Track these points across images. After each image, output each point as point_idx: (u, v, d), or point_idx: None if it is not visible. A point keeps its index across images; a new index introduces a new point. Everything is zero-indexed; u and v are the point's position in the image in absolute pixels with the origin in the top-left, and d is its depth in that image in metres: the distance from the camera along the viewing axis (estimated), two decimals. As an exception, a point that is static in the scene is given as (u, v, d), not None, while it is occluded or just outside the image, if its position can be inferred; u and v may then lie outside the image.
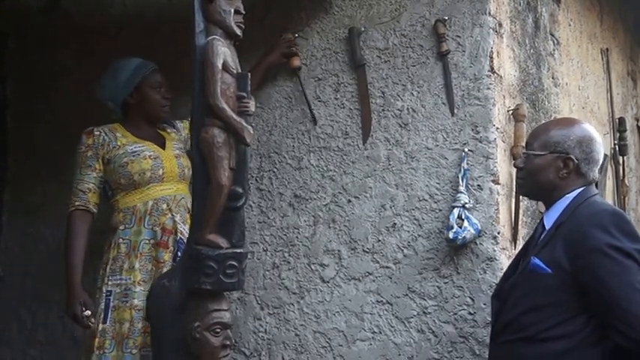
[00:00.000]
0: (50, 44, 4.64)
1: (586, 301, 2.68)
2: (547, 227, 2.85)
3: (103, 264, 3.47)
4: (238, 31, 2.70)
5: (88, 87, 4.45)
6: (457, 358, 3.54)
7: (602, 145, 2.93)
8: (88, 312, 3.36)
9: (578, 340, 2.68)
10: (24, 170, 4.68)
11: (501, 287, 3.00)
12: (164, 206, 3.46)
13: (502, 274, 3.34)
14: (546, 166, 2.89)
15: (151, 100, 3.51)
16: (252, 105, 2.68)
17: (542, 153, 2.91)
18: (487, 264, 3.50)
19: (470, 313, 3.52)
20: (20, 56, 4.79)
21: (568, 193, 2.84)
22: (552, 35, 4.34)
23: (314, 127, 3.87)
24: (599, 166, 2.91)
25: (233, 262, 2.62)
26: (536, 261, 2.78)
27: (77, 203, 3.50)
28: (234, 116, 2.60)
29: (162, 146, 3.57)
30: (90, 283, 3.53)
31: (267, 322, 3.89)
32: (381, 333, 3.68)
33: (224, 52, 2.62)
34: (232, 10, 2.69)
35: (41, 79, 4.66)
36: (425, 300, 3.61)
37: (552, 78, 4.29)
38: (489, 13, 3.61)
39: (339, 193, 3.80)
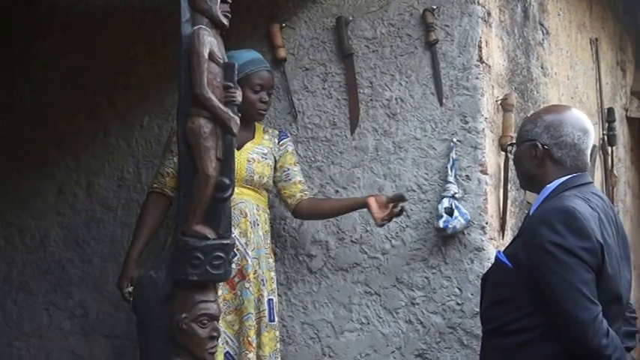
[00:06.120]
0: (35, 34, 4.61)
1: (541, 297, 2.68)
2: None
3: None
4: (225, 21, 2.69)
5: (73, 77, 4.46)
6: (445, 348, 3.56)
7: (585, 129, 2.84)
8: (132, 288, 3.46)
9: (539, 333, 2.67)
10: (8, 161, 4.66)
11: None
12: None
13: (490, 264, 3.36)
14: (522, 156, 2.89)
15: (245, 100, 3.27)
16: (238, 95, 2.67)
17: (518, 143, 2.94)
18: (475, 254, 3.53)
19: (458, 304, 3.54)
20: (4, 46, 4.77)
21: (550, 183, 2.81)
22: (541, 25, 4.35)
23: (302, 117, 3.87)
24: (581, 151, 2.82)
25: (220, 253, 2.62)
26: (500, 255, 2.81)
27: (154, 186, 3.64)
28: (221, 106, 2.60)
29: (241, 147, 3.51)
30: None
31: (254, 314, 3.90)
32: (369, 324, 3.69)
33: (210, 42, 2.62)
34: (218, -1, 2.69)
35: (26, 70, 4.64)
36: (413, 290, 3.63)
37: (541, 68, 4.31)
38: (478, 2, 3.62)
39: (327, 183, 3.81)
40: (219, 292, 3.24)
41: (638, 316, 3.12)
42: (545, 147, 2.81)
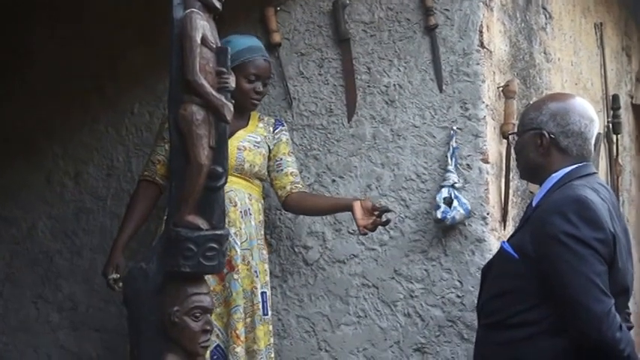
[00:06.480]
0: (22, 20, 4.59)
1: (548, 289, 2.67)
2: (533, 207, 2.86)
3: None
4: (218, 4, 2.68)
5: (61, 63, 4.45)
6: (445, 342, 3.56)
7: (591, 118, 2.85)
8: (116, 275, 3.51)
9: (543, 328, 2.66)
10: (-6, 149, 4.66)
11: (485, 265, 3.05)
12: None
13: (491, 255, 3.36)
14: (525, 145, 2.89)
15: (239, 88, 3.27)
16: (232, 81, 2.66)
17: (521, 132, 2.93)
18: (476, 245, 3.53)
19: (458, 297, 3.55)
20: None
21: (555, 172, 2.81)
22: (544, 9, 4.34)
23: (297, 104, 3.86)
24: (587, 140, 2.83)
25: (213, 245, 2.61)
26: (506, 245, 2.80)
27: (145, 173, 3.65)
28: (214, 93, 2.59)
29: (232, 134, 3.45)
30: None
31: (248, 307, 3.90)
32: (366, 317, 3.70)
33: (203, 26, 2.60)
34: (211, -18, 2.67)
35: (13, 57, 4.62)
36: (412, 283, 3.63)
37: (544, 53, 4.30)
38: (479, -14, 3.61)
39: (323, 172, 3.80)
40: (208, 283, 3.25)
41: (632, 311, 3.12)
42: (552, 136, 2.82)
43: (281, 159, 3.65)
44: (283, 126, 3.72)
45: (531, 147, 2.87)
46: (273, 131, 3.66)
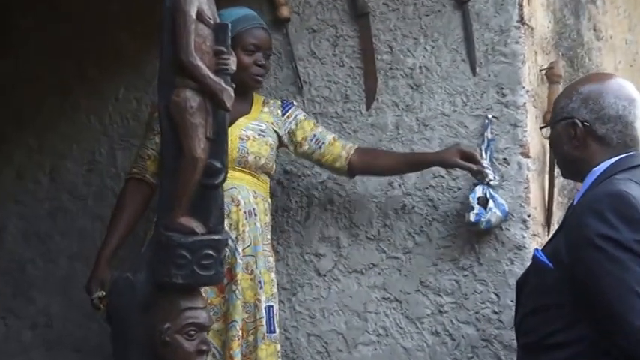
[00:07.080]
0: (11, 2, 4.60)
1: (583, 302, 2.64)
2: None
3: None
4: (215, -26, 2.70)
5: (35, 40, 4.45)
6: (479, 365, 3.57)
7: (630, 98, 2.81)
8: (102, 292, 3.48)
9: (582, 349, 2.64)
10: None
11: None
12: None
13: (533, 265, 3.36)
14: (559, 137, 2.88)
15: (238, 63, 3.06)
16: (232, 62, 2.67)
17: (553, 123, 2.92)
18: (515, 253, 3.52)
19: (494, 312, 3.54)
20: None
21: (596, 167, 2.79)
22: (594, -22, 4.34)
23: (308, 88, 3.86)
24: (628, 124, 2.79)
25: (210, 251, 2.63)
26: (538, 253, 2.79)
27: (134, 171, 3.65)
28: (212, 75, 2.60)
29: (232, 122, 3.42)
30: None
31: (251, 323, 3.90)
32: (387, 335, 3.70)
33: (198, -1, 2.62)
34: (208, -52, 2.68)
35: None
36: (440, 296, 3.63)
37: (594, 30, 4.29)
38: (518, -48, 3.61)
39: (339, 167, 3.80)
40: (204, 296, 3.25)
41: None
42: (586, 124, 2.80)
43: (314, 135, 3.66)
44: (293, 105, 3.72)
45: (564, 139, 2.85)
46: (283, 115, 3.66)
